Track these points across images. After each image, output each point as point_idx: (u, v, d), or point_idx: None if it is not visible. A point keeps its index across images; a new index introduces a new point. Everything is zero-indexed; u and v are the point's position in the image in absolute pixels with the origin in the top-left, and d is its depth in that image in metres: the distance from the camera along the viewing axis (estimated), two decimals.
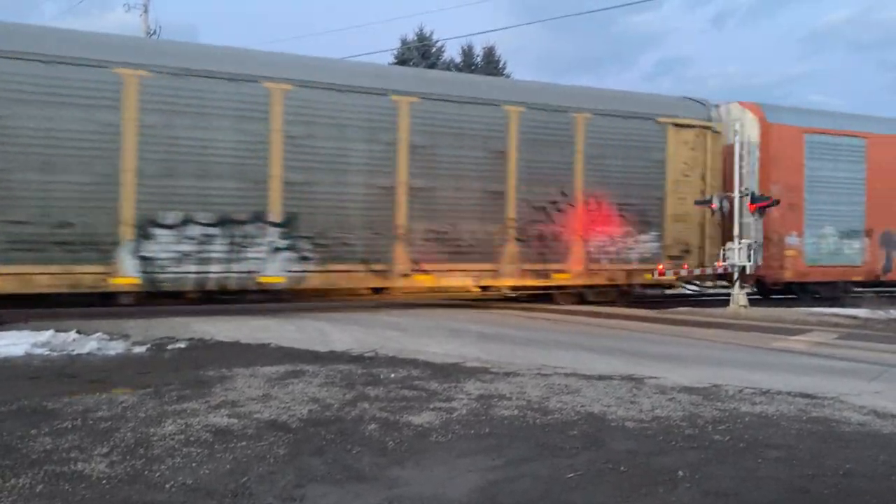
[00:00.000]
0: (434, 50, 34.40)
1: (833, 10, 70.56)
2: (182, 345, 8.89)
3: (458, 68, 33.00)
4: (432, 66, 31.79)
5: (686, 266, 15.40)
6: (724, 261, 15.11)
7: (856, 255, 17.23)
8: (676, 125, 15.32)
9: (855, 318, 13.06)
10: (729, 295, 15.12)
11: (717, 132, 15.76)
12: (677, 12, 70.83)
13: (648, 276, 14.97)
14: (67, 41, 11.07)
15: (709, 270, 15.55)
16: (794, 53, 72.02)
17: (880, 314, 12.87)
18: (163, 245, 11.25)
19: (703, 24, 73.50)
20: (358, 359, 8.06)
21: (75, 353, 8.28)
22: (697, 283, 17.21)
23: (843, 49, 71.09)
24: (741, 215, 14.95)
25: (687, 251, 15.46)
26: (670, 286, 16.68)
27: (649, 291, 16.57)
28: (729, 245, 15.03)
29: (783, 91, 64.71)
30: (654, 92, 16.87)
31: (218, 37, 62.53)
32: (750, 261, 14.92)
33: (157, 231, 11.23)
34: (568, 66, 64.67)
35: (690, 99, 16.21)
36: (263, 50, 13.05)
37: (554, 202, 14.13)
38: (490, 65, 34.48)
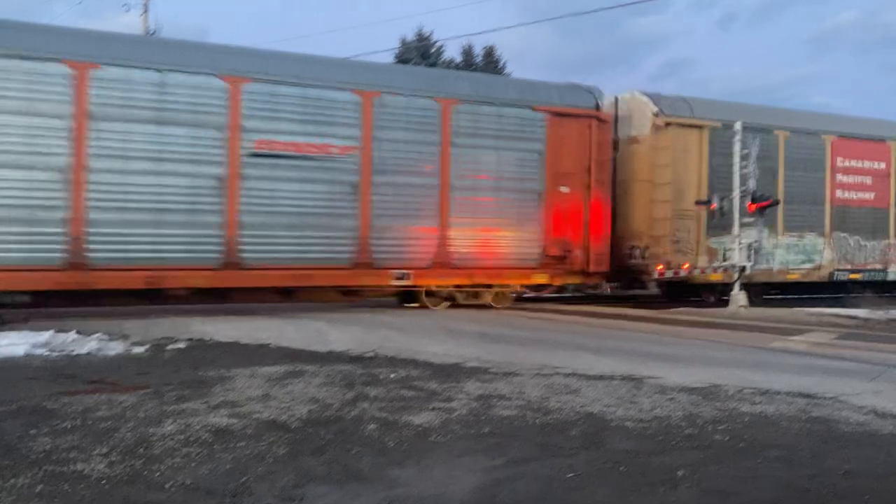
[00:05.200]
0: (434, 50, 34.38)
1: (839, 11, 70.56)
2: (181, 345, 8.89)
3: (459, 68, 32.96)
4: (432, 65, 31.77)
5: (686, 266, 15.39)
6: (724, 261, 15.11)
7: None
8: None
9: (854, 318, 13.08)
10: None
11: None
12: (683, 14, 70.84)
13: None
14: None
15: (709, 271, 15.55)
16: (800, 55, 72.11)
17: (880, 314, 12.89)
18: None
19: (709, 26, 73.43)
20: (357, 359, 8.06)
21: (75, 353, 8.28)
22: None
23: (849, 51, 71.11)
24: (740, 215, 14.94)
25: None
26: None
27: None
28: (729, 245, 15.03)
29: (788, 93, 64.85)
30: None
31: (219, 36, 62.53)
32: (750, 261, 14.93)
33: None
34: (574, 66, 64.66)
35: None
36: None
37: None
38: (490, 65, 34.44)
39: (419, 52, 33.58)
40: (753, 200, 14.78)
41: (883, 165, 18.22)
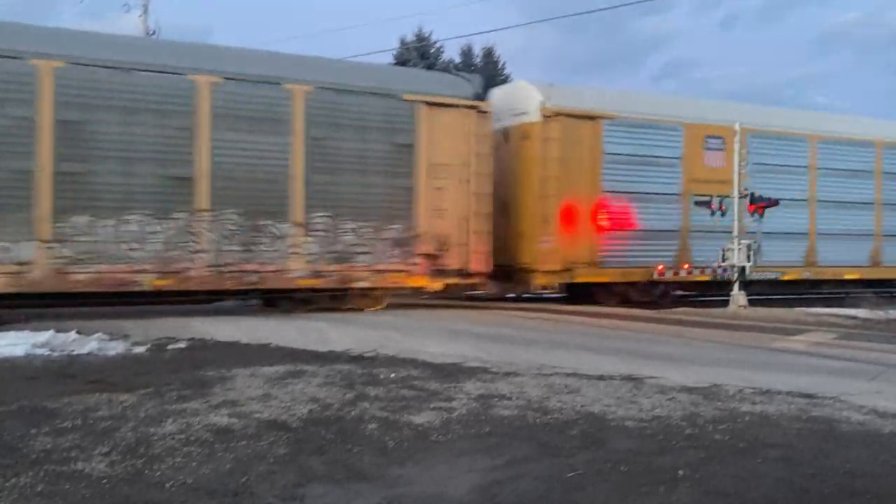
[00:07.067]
0: (433, 50, 34.37)
1: (842, 11, 70.71)
2: (182, 345, 8.88)
3: (458, 68, 32.96)
4: (431, 66, 31.75)
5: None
6: (723, 261, 15.09)
7: None
8: None
9: (854, 318, 13.08)
10: None
11: None
12: (686, 15, 70.99)
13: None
14: None
15: (708, 270, 15.54)
16: (802, 55, 72.34)
17: (879, 314, 12.89)
18: None
19: (711, 27, 73.50)
20: (358, 359, 8.06)
21: (75, 353, 8.27)
22: None
23: (852, 50, 71.29)
24: (740, 215, 14.93)
25: None
26: None
27: None
28: (728, 245, 15.01)
29: (790, 93, 65.03)
30: None
31: (220, 36, 62.62)
32: (750, 261, 14.92)
33: None
34: (576, 66, 64.83)
35: None
36: None
37: None
38: (489, 65, 34.45)
39: (418, 53, 33.57)
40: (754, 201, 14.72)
41: None
